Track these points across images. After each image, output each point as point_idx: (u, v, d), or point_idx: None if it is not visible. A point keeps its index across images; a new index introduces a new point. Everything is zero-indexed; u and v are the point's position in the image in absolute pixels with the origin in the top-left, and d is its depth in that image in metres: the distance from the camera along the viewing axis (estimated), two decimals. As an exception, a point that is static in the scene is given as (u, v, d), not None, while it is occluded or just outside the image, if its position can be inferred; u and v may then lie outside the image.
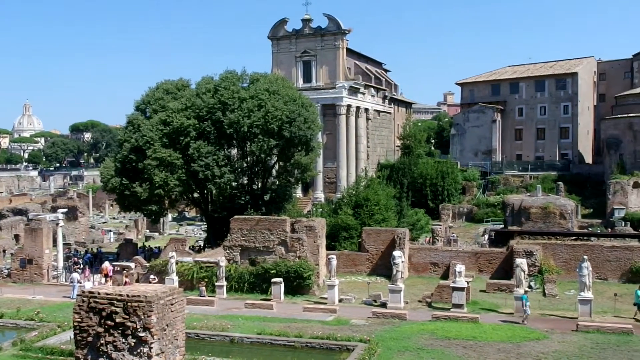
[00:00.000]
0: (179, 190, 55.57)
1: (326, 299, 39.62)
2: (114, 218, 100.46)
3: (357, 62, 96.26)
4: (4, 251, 57.91)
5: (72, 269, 50.22)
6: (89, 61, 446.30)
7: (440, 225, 63.66)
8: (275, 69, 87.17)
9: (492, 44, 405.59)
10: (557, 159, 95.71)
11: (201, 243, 63.24)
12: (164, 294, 13.90)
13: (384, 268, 46.74)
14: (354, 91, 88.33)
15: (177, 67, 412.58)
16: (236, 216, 46.47)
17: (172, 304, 14.03)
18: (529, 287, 41.30)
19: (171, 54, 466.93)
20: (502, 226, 65.20)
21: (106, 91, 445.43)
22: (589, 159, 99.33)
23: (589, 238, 55.79)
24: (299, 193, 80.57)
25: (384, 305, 37.96)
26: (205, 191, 58.82)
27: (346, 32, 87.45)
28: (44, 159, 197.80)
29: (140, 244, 66.81)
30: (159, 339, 13.65)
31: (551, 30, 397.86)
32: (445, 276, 46.02)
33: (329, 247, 50.02)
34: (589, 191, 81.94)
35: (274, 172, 61.61)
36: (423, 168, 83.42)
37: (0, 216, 73.10)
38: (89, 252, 60.80)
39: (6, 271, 49.55)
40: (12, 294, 43.15)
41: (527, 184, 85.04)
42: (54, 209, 68.20)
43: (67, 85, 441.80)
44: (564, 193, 76.09)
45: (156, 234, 79.21)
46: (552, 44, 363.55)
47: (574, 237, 55.32)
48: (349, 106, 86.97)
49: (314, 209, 68.82)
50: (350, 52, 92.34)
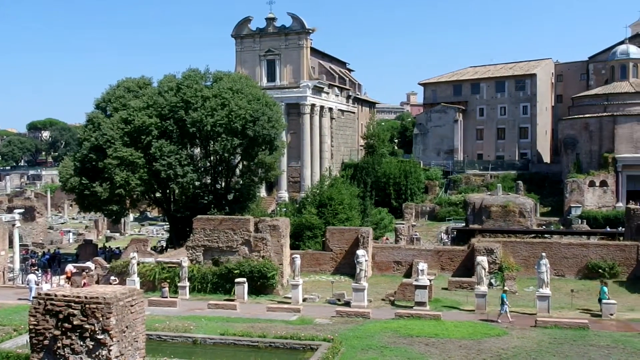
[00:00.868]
0: (140, 190, 54.86)
1: (290, 298, 39.59)
2: (73, 218, 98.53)
3: (321, 61, 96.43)
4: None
5: (28, 270, 49.04)
6: (46, 58, 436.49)
7: (404, 224, 64.27)
8: (239, 67, 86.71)
9: (454, 44, 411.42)
10: (517, 158, 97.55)
11: (163, 243, 62.62)
12: (123, 295, 13.68)
13: (347, 267, 46.94)
14: (318, 90, 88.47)
15: (138, 65, 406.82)
16: (199, 216, 46.06)
17: (132, 305, 13.82)
18: (490, 285, 41.99)
19: (132, 52, 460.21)
20: (464, 224, 66.20)
21: (65, 89, 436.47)
22: (547, 158, 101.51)
23: (547, 236, 57.10)
24: (263, 192, 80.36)
25: (347, 304, 38.12)
26: (168, 191, 58.19)
27: (310, 31, 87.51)
28: (0, 158, 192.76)
29: (100, 245, 65.80)
30: (118, 341, 13.43)
31: (511, 32, 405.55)
32: (408, 274, 46.47)
33: (293, 247, 50.01)
34: (547, 190, 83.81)
35: (237, 171, 61.32)
36: (386, 167, 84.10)
37: (-46, 217, 70.85)
38: (46, 253, 59.48)
39: (-40, 274, 48.09)
40: (-34, 297, 41.90)
41: (488, 182, 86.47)
42: (10, 210, 66.59)
43: (23, 82, 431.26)
44: (523, 192, 77.64)
45: (117, 234, 78.00)
46: (512, 45, 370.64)
47: (532, 235, 56.58)
48: (313, 105, 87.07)
49: (278, 208, 68.78)
50: (315, 52, 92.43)
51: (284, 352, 29.38)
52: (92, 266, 46.52)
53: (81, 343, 13.38)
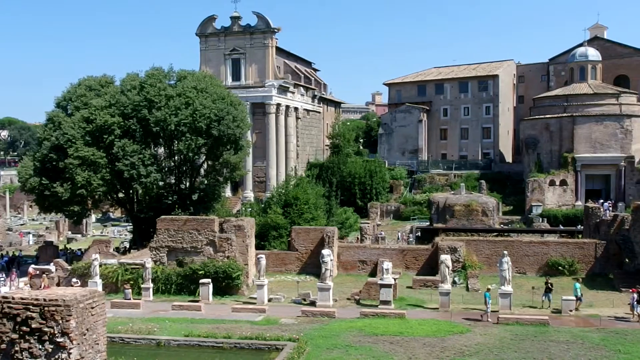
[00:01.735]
0: (102, 190, 54.05)
1: (255, 298, 39.45)
2: (33, 219, 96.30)
3: (286, 61, 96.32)
4: None
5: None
6: (4, 55, 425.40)
7: (369, 223, 64.64)
8: (204, 66, 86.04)
9: (419, 45, 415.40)
10: (480, 158, 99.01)
11: (127, 244, 61.84)
12: (83, 297, 13.43)
13: (313, 267, 46.99)
14: (283, 90, 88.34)
15: (100, 63, 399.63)
16: (163, 216, 45.57)
17: (92, 308, 13.58)
18: (453, 283, 42.54)
19: (94, 50, 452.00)
20: (428, 224, 66.90)
21: (24, 87, 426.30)
22: (509, 158, 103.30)
23: (509, 234, 58.11)
24: (228, 192, 79.88)
25: (313, 303, 38.17)
26: (131, 191, 57.48)
27: (275, 30, 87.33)
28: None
29: (61, 246, 64.52)
30: (78, 344, 13.18)
31: (474, 33, 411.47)
32: (373, 273, 46.75)
33: (259, 247, 49.87)
34: (509, 189, 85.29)
35: (202, 171, 60.88)
36: (352, 167, 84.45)
37: None
38: (5, 255, 58.05)
39: None
40: None
41: (452, 182, 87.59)
42: (-33, 211, 64.67)
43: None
44: (486, 191, 78.90)
45: (79, 235, 76.63)
46: (475, 46, 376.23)
47: (495, 233, 57.51)
48: (278, 105, 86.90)
49: (243, 208, 68.46)
50: (280, 51, 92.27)
51: (249, 353, 29.30)
52: (52, 268, 45.59)
53: (40, 346, 13.09)
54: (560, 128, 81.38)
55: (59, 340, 13.04)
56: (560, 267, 46.24)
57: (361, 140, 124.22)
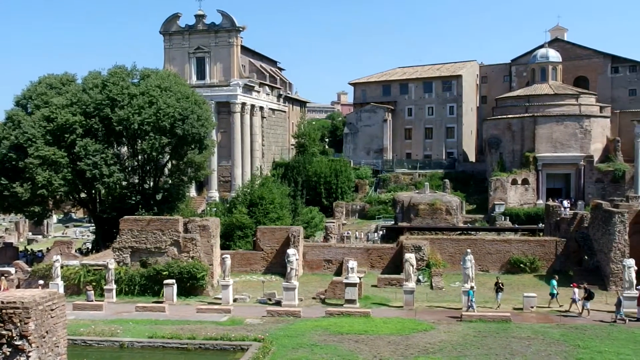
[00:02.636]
0: (64, 191, 53.13)
1: (220, 299, 39.22)
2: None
3: (251, 59, 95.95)
4: None
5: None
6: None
7: (334, 222, 64.85)
8: (168, 65, 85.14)
9: (384, 45, 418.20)
10: (444, 157, 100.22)
11: (89, 245, 60.90)
12: (42, 299, 13.18)
13: (278, 266, 46.95)
14: (248, 89, 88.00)
15: (61, 60, 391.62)
16: (126, 217, 44.94)
17: (52, 310, 13.33)
18: (418, 281, 43.00)
19: (55, 47, 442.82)
20: (393, 222, 67.43)
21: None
22: (472, 157, 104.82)
23: (472, 232, 58.98)
24: (192, 192, 79.26)
25: (278, 303, 38.13)
26: (93, 191, 56.63)
27: (240, 29, 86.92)
28: None
29: (21, 248, 63.19)
30: (37, 347, 12.93)
31: (438, 34, 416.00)
32: (338, 272, 46.93)
33: (224, 247, 49.62)
34: (472, 188, 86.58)
35: (166, 170, 60.30)
36: (317, 166, 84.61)
37: None
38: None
39: None
40: None
41: (416, 181, 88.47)
42: None
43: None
44: (449, 190, 79.91)
45: (40, 236, 75.11)
46: (439, 47, 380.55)
47: (458, 232, 58.30)
48: (243, 104, 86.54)
49: (208, 208, 68.04)
50: (245, 50, 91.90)
51: (214, 354, 29.16)
52: (12, 270, 44.55)
53: (-3, 350, 12.80)
54: (522, 128, 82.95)
55: (17, 343, 12.78)
56: (521, 265, 47.15)
57: (327, 140, 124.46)
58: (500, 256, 48.01)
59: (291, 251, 39.08)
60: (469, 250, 38.67)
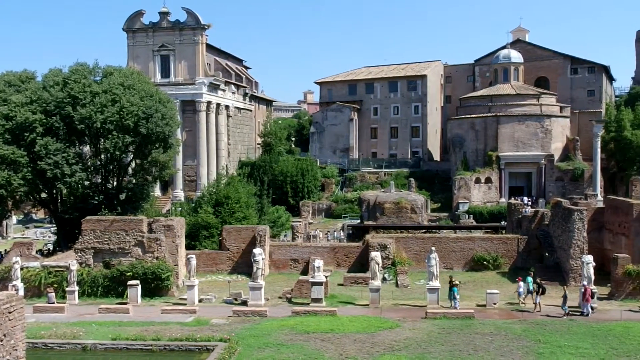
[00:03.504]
0: (24, 191, 52.05)
1: (186, 299, 38.88)
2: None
3: (217, 58, 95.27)
4: None
5: None
6: None
7: (301, 221, 64.85)
8: (131, 62, 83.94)
9: (350, 44, 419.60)
10: (409, 156, 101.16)
11: (51, 246, 59.74)
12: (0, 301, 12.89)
13: (245, 266, 46.75)
14: (214, 88, 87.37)
15: (20, 57, 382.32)
16: (88, 217, 44.19)
17: (9, 312, 13.04)
18: (383, 279, 43.32)
19: (13, 43, 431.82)
20: (359, 221, 67.77)
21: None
22: (437, 156, 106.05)
23: (437, 231, 59.69)
24: (157, 192, 78.35)
25: (244, 303, 37.99)
26: (55, 191, 55.59)
27: (206, 27, 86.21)
28: None
29: (-21, 250, 61.39)
30: (-5, 351, 12.64)
31: (404, 33, 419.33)
32: (305, 272, 46.96)
33: (189, 247, 49.20)
34: (437, 187, 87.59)
35: (130, 170, 59.48)
36: (283, 165, 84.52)
37: None
38: None
39: None
40: None
41: (382, 180, 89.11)
42: None
43: None
44: (415, 189, 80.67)
45: (-2, 237, 73.15)
46: (405, 47, 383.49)
47: (423, 230, 58.93)
48: (209, 103, 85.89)
49: (173, 208, 67.34)
50: (210, 48, 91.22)
51: (179, 355, 28.94)
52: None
53: (-47, 355, 12.47)
54: (485, 127, 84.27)
55: (-26, 348, 12.47)
56: (485, 262, 47.90)
57: (293, 139, 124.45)
58: (464, 254, 48.67)
59: (257, 251, 38.97)
60: (433, 249, 39.13)
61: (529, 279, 38.63)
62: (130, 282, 39.30)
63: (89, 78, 54.69)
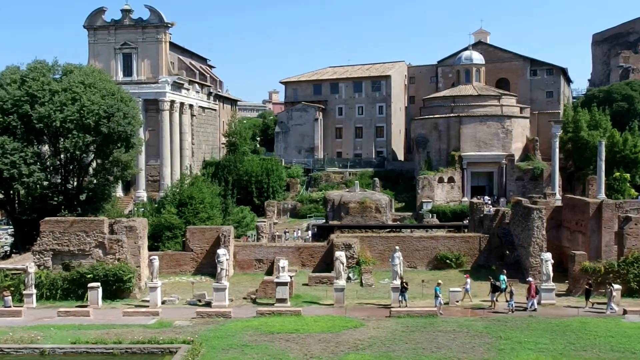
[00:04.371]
0: (-21, 191, 50.48)
1: (148, 301, 38.32)
2: None
3: (180, 56, 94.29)
4: None
5: None
6: None
7: (265, 221, 64.58)
8: (92, 60, 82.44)
9: (315, 44, 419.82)
10: (374, 156, 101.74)
11: (7, 249, 58.31)
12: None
13: (209, 267, 46.32)
14: (177, 86, 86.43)
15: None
16: (47, 218, 43.19)
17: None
18: (348, 279, 43.45)
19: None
20: (324, 221, 67.84)
21: None
22: (401, 156, 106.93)
23: (401, 230, 60.14)
24: (119, 192, 77.09)
25: (208, 304, 37.68)
26: (12, 191, 54.28)
27: (169, 25, 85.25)
28: None
29: None
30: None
31: (368, 34, 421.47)
32: (270, 272, 46.80)
33: (153, 248, 48.57)
34: (401, 186, 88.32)
35: (91, 170, 58.43)
36: (248, 165, 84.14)
37: None
38: None
39: None
40: None
41: (347, 180, 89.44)
42: None
43: None
44: (379, 188, 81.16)
45: (-48, 240, 70.91)
46: (369, 47, 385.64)
47: (388, 230, 59.31)
48: (172, 102, 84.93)
49: (136, 208, 66.50)
50: (174, 47, 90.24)
51: (141, 358, 28.58)
52: None
53: None
54: (448, 127, 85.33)
55: None
56: (448, 261, 48.46)
57: (258, 139, 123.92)
58: (428, 252, 49.16)
59: (221, 251, 38.69)
60: (397, 248, 39.41)
61: (502, 277, 38.98)
62: (90, 285, 38.54)
63: (48, 76, 53.51)
